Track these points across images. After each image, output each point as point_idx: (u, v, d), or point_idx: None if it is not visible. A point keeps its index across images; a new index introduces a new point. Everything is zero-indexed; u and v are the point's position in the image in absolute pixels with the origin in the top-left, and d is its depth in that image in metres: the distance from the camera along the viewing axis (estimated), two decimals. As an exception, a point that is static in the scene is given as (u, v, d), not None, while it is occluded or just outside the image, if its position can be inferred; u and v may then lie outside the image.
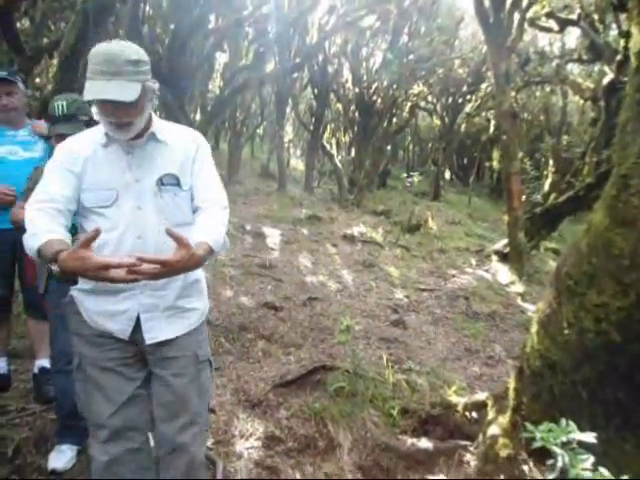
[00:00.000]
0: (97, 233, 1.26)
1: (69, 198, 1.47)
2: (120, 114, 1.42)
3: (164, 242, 1.45)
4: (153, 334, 1.53)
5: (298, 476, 2.20)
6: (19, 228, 1.86)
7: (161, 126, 1.57)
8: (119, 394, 1.53)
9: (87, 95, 1.39)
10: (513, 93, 9.36)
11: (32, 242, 1.36)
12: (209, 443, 2.35)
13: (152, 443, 2.09)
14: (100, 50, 1.41)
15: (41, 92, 6.60)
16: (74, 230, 1.55)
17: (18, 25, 8.15)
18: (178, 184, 1.53)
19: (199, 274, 1.64)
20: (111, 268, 1.24)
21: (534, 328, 2.22)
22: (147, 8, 9.54)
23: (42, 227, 1.38)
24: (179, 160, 1.55)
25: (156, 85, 1.51)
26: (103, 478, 1.52)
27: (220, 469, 2.16)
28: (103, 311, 1.51)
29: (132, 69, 1.40)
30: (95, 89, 1.38)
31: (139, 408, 1.57)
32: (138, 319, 1.52)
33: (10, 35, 6.96)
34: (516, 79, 10.90)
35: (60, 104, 2.13)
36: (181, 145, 1.58)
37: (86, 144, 1.53)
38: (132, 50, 1.43)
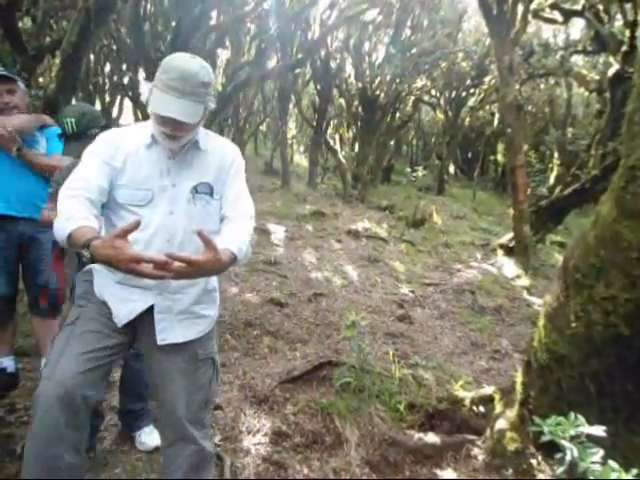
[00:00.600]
0: (137, 224, 1.27)
1: (103, 190, 1.48)
2: (177, 129, 1.47)
3: (190, 248, 1.49)
4: (165, 335, 1.55)
5: (306, 471, 2.20)
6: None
7: (203, 135, 1.61)
8: (90, 361, 1.47)
9: (156, 109, 1.44)
10: (517, 86, 9.30)
11: (65, 227, 1.36)
12: (216, 439, 2.36)
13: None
14: (177, 64, 1.45)
15: (45, 91, 6.60)
16: None
17: (20, 24, 8.16)
18: (211, 193, 1.57)
19: (215, 284, 1.68)
20: (143, 262, 1.25)
21: (541, 321, 2.21)
22: (148, 5, 9.53)
23: (76, 213, 1.39)
24: (215, 170, 1.59)
25: (214, 104, 1.56)
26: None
27: (228, 465, 2.17)
28: (113, 293, 1.54)
29: (203, 91, 1.47)
30: (164, 105, 1.43)
31: (98, 381, 1.50)
32: (147, 317, 1.54)
33: (12, 34, 6.97)
34: (520, 71, 10.82)
35: (69, 121, 2.12)
36: (219, 156, 1.62)
37: (130, 140, 1.55)
38: (206, 71, 1.48)
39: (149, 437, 2.28)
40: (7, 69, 5.08)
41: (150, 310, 1.55)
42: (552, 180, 10.90)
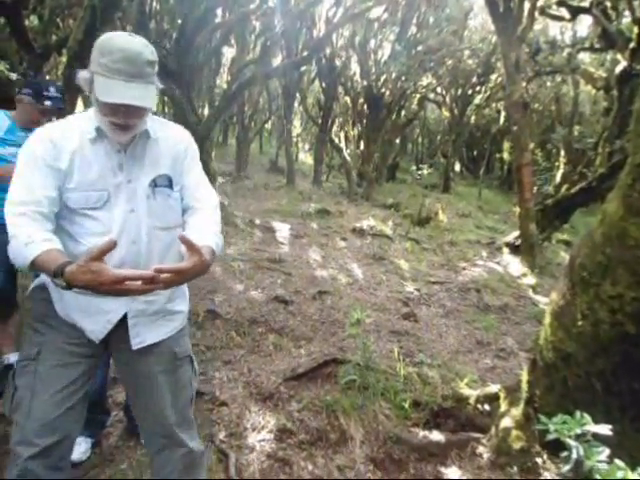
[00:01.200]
0: (112, 245, 1.16)
1: (53, 200, 1.33)
2: (130, 116, 1.34)
3: (157, 246, 1.43)
4: (140, 339, 1.47)
5: (310, 468, 2.20)
6: None
7: (153, 123, 1.48)
8: (67, 398, 1.40)
9: (106, 97, 1.30)
10: (524, 83, 9.23)
11: (26, 252, 1.22)
12: (221, 436, 2.37)
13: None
14: (117, 45, 1.31)
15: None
16: None
17: (26, 23, 8.19)
18: (170, 185, 1.47)
19: None
20: (128, 280, 1.16)
21: (547, 320, 2.20)
22: (154, 3, 9.55)
23: (34, 235, 1.25)
24: (170, 159, 1.49)
25: (160, 84, 1.43)
26: None
27: (232, 461, 2.17)
28: (81, 307, 1.40)
29: (150, 71, 1.35)
30: (116, 92, 1.29)
31: (78, 414, 1.45)
32: (119, 323, 1.45)
33: (19, 33, 7.01)
34: (527, 69, 10.75)
35: None
36: (172, 144, 1.51)
37: (71, 136, 1.38)
38: (149, 49, 1.35)
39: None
40: (15, 67, 5.10)
41: (122, 316, 1.45)
42: (558, 178, 10.84)
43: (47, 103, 2.53)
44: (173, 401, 1.53)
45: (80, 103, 13.42)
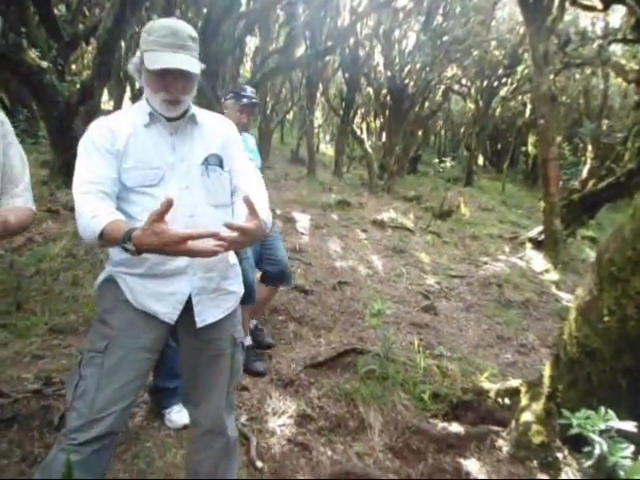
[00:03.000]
0: (170, 204, 1.19)
1: (114, 180, 1.44)
2: (179, 89, 1.44)
3: (211, 222, 1.46)
4: (203, 317, 1.52)
5: (329, 453, 2.24)
6: None
7: (198, 110, 1.59)
8: (129, 393, 1.45)
9: (155, 65, 1.40)
10: (552, 76, 9.01)
11: (94, 225, 1.31)
12: (243, 419, 2.42)
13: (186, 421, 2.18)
14: (163, 24, 1.45)
15: (78, 77, 6.75)
16: None
17: (55, 12, 8.33)
18: (221, 165, 1.55)
19: (235, 258, 1.65)
20: (190, 240, 1.20)
21: (572, 315, 2.18)
22: (180, -8, 9.59)
23: (101, 209, 1.35)
24: (219, 142, 1.57)
25: (203, 65, 1.52)
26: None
27: (254, 445, 2.22)
28: (151, 292, 1.47)
29: (193, 45, 1.46)
30: (164, 59, 1.39)
31: (130, 407, 1.51)
32: (185, 305, 1.50)
33: (48, 21, 7.13)
34: (555, 61, 10.49)
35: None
36: (218, 128, 1.61)
37: (126, 123, 1.50)
38: (190, 27, 1.48)
39: (178, 415, 2.35)
40: (44, 55, 5.20)
41: (188, 298, 1.51)
42: (585, 173, 10.59)
43: (244, 100, 2.86)
44: (227, 384, 1.61)
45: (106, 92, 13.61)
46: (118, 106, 13.48)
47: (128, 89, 13.46)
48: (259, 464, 2.13)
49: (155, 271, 1.45)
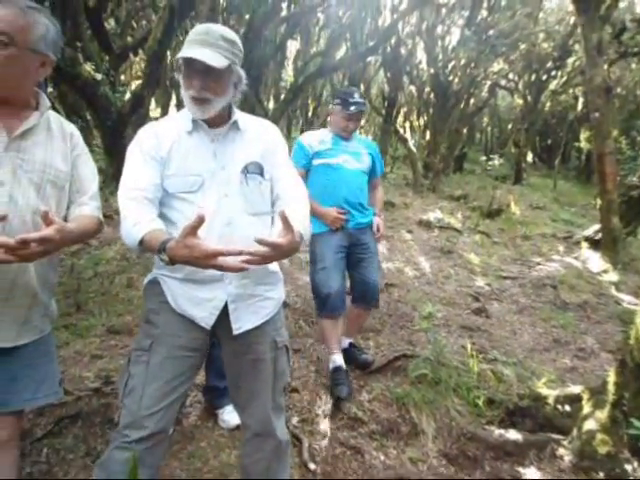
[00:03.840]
0: (202, 220, 1.21)
1: (157, 186, 1.47)
2: (202, 85, 1.44)
3: (248, 230, 1.46)
4: (240, 324, 1.53)
5: (382, 458, 2.21)
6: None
7: (242, 117, 1.59)
8: (174, 390, 1.48)
9: (180, 54, 1.44)
10: (606, 66, 8.58)
11: (135, 232, 1.35)
12: (294, 421, 2.43)
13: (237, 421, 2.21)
14: (201, 25, 1.51)
15: (128, 88, 7.05)
16: None
17: (105, 25, 8.71)
18: (261, 173, 1.54)
19: (276, 266, 1.63)
20: (220, 256, 1.22)
21: (639, 318, 2.05)
22: (222, 0, 9.80)
23: (141, 217, 1.38)
24: (261, 150, 1.57)
25: (243, 76, 1.53)
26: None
27: (306, 447, 2.22)
28: (189, 297, 1.50)
29: (225, 45, 1.45)
30: (186, 51, 1.43)
31: (178, 407, 1.54)
32: (223, 310, 1.51)
33: (100, 35, 7.47)
34: (609, 51, 9.98)
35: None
36: (261, 135, 1.60)
37: (171, 129, 1.53)
38: (229, 31, 1.50)
39: (230, 415, 2.38)
40: (98, 67, 5.44)
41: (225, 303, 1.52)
42: (644, 168, 10.02)
43: (352, 108, 2.78)
44: (272, 387, 1.60)
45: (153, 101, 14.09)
46: (165, 113, 13.94)
47: (174, 96, 13.88)
48: (312, 466, 2.13)
49: (193, 277, 1.47)
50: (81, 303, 3.63)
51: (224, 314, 1.52)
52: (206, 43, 1.43)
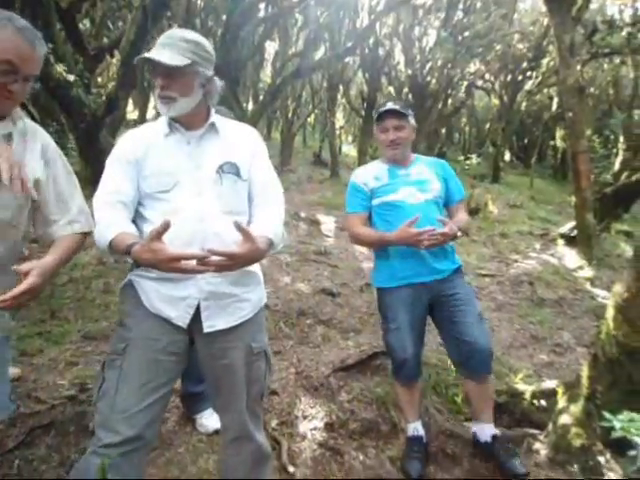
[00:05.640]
0: (167, 226, 1.27)
1: (133, 190, 1.52)
2: (165, 84, 1.49)
3: (221, 229, 1.47)
4: (211, 322, 1.52)
5: (362, 458, 2.21)
6: None
7: (220, 120, 1.61)
8: (147, 394, 1.45)
9: (139, 56, 1.49)
10: (579, 67, 8.77)
11: (105, 235, 1.41)
12: (273, 424, 2.41)
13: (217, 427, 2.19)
14: (169, 31, 1.56)
15: (105, 89, 6.93)
16: None
17: (80, 26, 8.56)
18: (238, 173, 1.56)
19: (256, 266, 1.62)
20: (183, 259, 1.27)
21: (610, 313, 2.10)
22: (199, 1, 9.73)
23: (113, 220, 1.44)
24: (239, 152, 1.59)
25: (215, 79, 1.56)
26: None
27: (285, 449, 2.21)
28: (163, 296, 1.50)
29: (185, 45, 1.49)
30: (147, 53, 1.48)
31: (157, 412, 1.50)
32: (197, 308, 1.51)
33: (74, 36, 7.33)
34: (582, 51, 10.21)
35: None
36: (239, 139, 1.62)
37: (148, 132, 1.60)
38: (191, 33, 1.54)
39: (209, 420, 2.36)
40: (71, 69, 5.33)
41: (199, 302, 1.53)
42: (617, 166, 10.26)
43: (384, 117, 2.30)
44: (247, 394, 1.59)
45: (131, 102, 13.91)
46: (142, 115, 13.77)
47: (152, 98, 13.72)
48: (291, 469, 2.12)
49: (167, 275, 1.44)
50: (55, 309, 3.56)
51: (198, 314, 1.51)
52: (166, 45, 1.48)
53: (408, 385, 2.29)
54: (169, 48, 1.48)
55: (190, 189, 1.51)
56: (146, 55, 1.47)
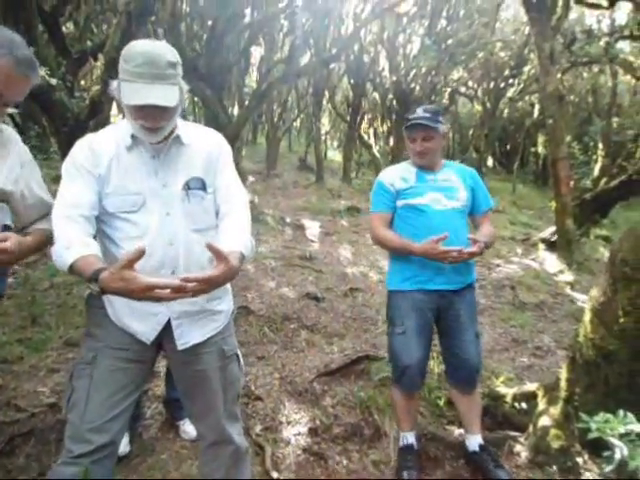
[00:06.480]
0: (141, 253, 1.18)
1: (94, 203, 1.41)
2: (157, 119, 1.38)
3: (192, 248, 1.46)
4: (185, 340, 1.51)
5: (345, 462, 2.22)
6: None
7: (185, 128, 1.53)
8: (118, 402, 1.45)
9: (131, 100, 1.35)
10: (559, 75, 8.96)
11: (65, 256, 1.29)
12: (257, 429, 2.41)
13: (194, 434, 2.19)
14: (138, 50, 1.36)
15: (87, 93, 6.88)
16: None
17: (63, 29, 8.48)
18: (204, 187, 1.51)
19: None
20: (157, 289, 1.19)
21: (587, 316, 2.15)
22: (184, 6, 9.72)
23: (74, 239, 1.32)
24: (203, 162, 1.52)
25: (186, 85, 1.49)
26: None
27: (269, 455, 2.21)
28: (133, 310, 1.45)
29: (172, 72, 1.39)
30: (140, 94, 1.34)
31: (125, 418, 1.49)
32: (167, 323, 1.49)
33: (57, 39, 7.27)
34: (561, 60, 10.43)
35: None
36: (204, 147, 1.55)
37: (108, 144, 1.46)
38: (170, 51, 1.40)
39: (192, 427, 2.34)
40: (54, 72, 5.27)
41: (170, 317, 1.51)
42: (596, 172, 10.50)
43: (412, 126, 2.22)
44: (223, 397, 1.58)
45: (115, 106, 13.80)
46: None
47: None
48: (274, 474, 2.12)
49: None
50: (36, 316, 3.51)
51: (170, 328, 1.50)
52: (153, 76, 1.34)
53: (409, 394, 2.23)
54: (159, 82, 1.35)
55: (158, 210, 1.44)
56: (139, 103, 1.33)
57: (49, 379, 2.76)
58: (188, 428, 2.36)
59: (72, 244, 1.30)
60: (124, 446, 2.20)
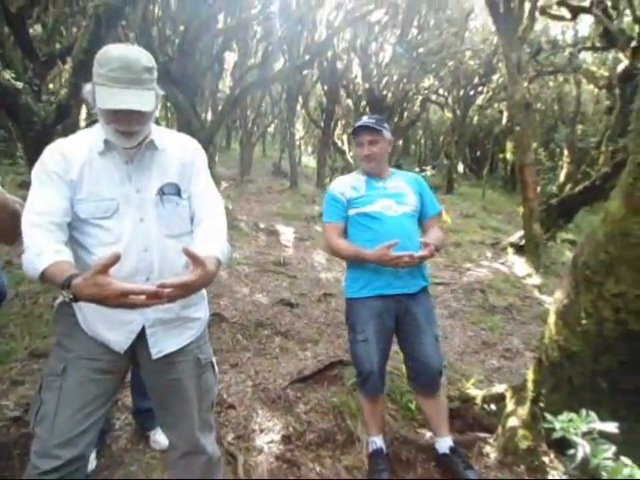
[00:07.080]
0: (117, 259, 1.16)
1: (66, 209, 1.38)
2: (132, 123, 1.37)
3: (167, 254, 1.45)
4: (159, 348, 1.49)
5: (318, 469, 2.22)
6: None
7: (159, 133, 1.52)
8: (89, 415, 1.42)
9: (106, 104, 1.34)
10: (525, 83, 9.24)
11: (36, 263, 1.26)
12: (229, 438, 2.39)
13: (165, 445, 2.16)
14: (114, 55, 1.35)
15: (55, 97, 6.73)
16: None
17: (31, 31, 8.28)
18: (178, 193, 1.49)
19: None
20: (132, 295, 1.17)
21: (552, 319, 2.21)
22: (156, 10, 9.62)
23: (45, 246, 1.29)
24: (177, 168, 1.51)
25: (161, 91, 1.47)
26: None
27: (241, 463, 2.19)
28: (105, 318, 1.42)
29: (148, 77, 1.38)
30: (115, 99, 1.33)
31: (96, 431, 1.46)
32: (140, 332, 1.47)
33: (24, 42, 7.09)
34: (528, 69, 10.75)
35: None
36: (179, 153, 1.53)
37: (80, 149, 1.43)
38: (146, 56, 1.39)
39: (163, 436, 2.31)
40: (19, 75, 5.14)
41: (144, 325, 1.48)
42: (562, 178, 10.82)
43: (359, 131, 2.30)
44: (198, 407, 1.56)
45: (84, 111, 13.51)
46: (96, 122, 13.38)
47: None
48: (247, 483, 2.11)
49: None
50: (0, 326, 3.40)
51: (144, 337, 1.47)
52: (128, 81, 1.34)
53: (374, 398, 2.28)
54: (135, 87, 1.34)
55: (132, 216, 1.42)
56: (114, 107, 1.32)
57: (13, 392, 2.68)
58: (159, 438, 2.32)
59: (43, 251, 1.27)
60: (91, 462, 2.15)
